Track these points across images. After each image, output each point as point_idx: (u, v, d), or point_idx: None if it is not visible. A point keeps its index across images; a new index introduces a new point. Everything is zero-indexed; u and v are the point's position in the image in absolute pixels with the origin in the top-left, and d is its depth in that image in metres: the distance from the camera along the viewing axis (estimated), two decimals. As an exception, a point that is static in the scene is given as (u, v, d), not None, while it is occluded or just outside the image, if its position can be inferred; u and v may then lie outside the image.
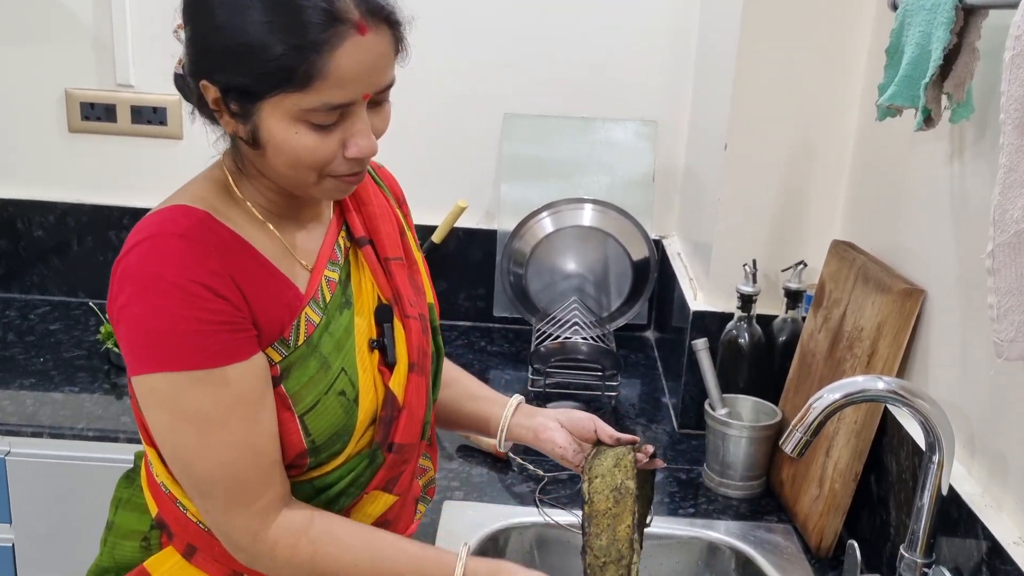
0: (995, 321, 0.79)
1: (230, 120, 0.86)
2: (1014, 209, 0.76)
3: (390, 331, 0.98)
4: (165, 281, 0.83)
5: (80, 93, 2.00)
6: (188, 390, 0.84)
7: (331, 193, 0.91)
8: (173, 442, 0.88)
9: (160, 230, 0.86)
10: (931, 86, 0.98)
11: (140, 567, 0.99)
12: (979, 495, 0.98)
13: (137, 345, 0.85)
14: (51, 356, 1.79)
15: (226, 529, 0.90)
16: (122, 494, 1.05)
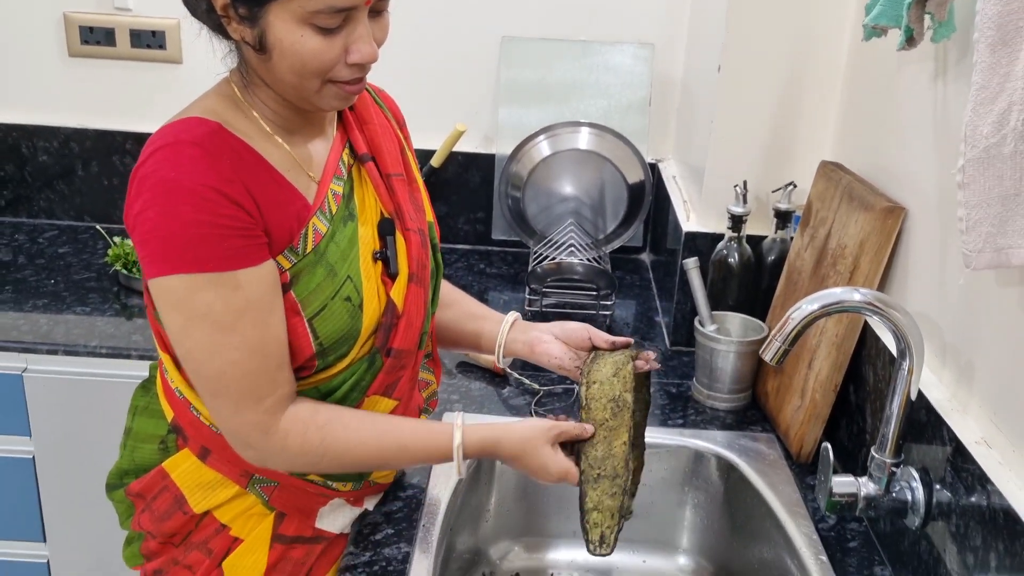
0: (964, 233, 0.83)
1: (238, 26, 0.89)
2: (984, 125, 0.80)
3: (392, 243, 1.03)
4: (180, 187, 0.87)
5: (78, 16, 2.01)
6: (201, 292, 0.89)
7: (331, 101, 0.94)
8: (186, 343, 0.93)
9: (175, 139, 0.90)
10: (914, 5, 1.00)
11: (159, 467, 1.06)
12: (947, 400, 1.03)
13: (153, 249, 0.89)
14: (61, 278, 1.84)
15: (236, 427, 0.96)
16: (139, 402, 1.11)
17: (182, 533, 1.07)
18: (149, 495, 1.06)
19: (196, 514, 1.05)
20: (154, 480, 1.06)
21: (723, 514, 1.36)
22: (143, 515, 1.07)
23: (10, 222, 2.10)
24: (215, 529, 1.06)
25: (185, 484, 1.04)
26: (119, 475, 1.11)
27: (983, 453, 0.93)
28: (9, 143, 2.07)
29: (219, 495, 1.04)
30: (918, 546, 1.04)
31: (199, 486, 1.04)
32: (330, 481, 1.07)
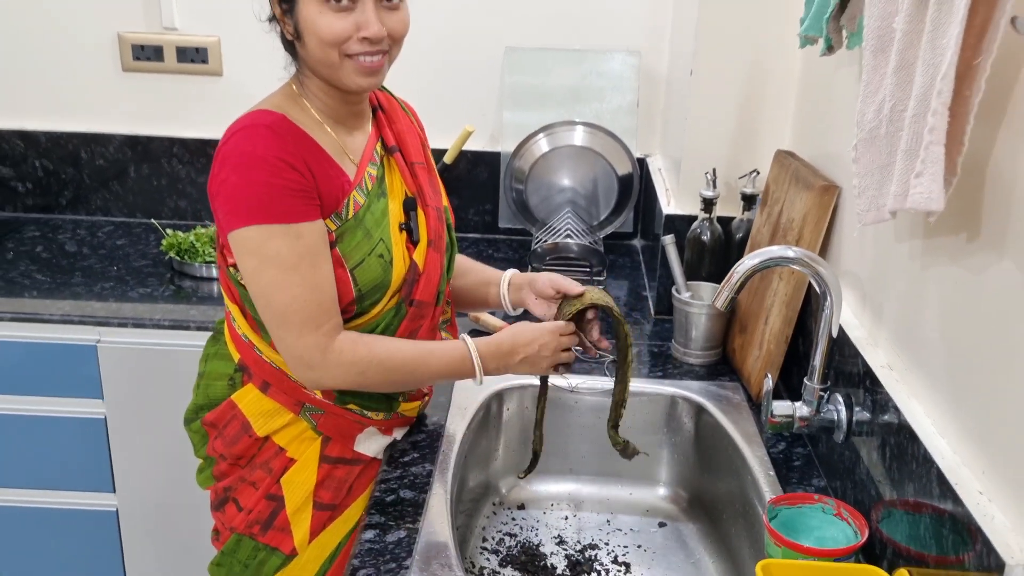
0: (857, 197, 1.07)
1: (285, 24, 1.18)
2: (868, 113, 1.04)
3: (415, 217, 1.29)
4: (256, 157, 1.14)
5: (131, 36, 2.27)
6: (271, 239, 1.14)
7: (352, 76, 1.19)
8: (259, 282, 1.17)
9: (251, 123, 1.17)
10: (831, 20, 1.24)
11: (228, 400, 1.31)
12: (864, 337, 1.27)
13: (235, 206, 1.15)
14: (123, 265, 2.10)
15: (300, 351, 1.19)
16: (209, 350, 1.37)
17: (247, 456, 1.32)
18: (221, 423, 1.31)
19: (259, 438, 1.30)
20: (225, 411, 1.31)
21: (695, 450, 1.60)
22: (216, 441, 1.32)
23: (71, 219, 2.37)
24: (274, 451, 1.31)
25: (250, 412, 1.29)
26: (195, 410, 1.36)
27: (886, 375, 1.17)
28: (70, 149, 2.33)
29: (276, 421, 1.29)
30: (843, 457, 1.28)
31: (261, 414, 1.29)
32: (366, 411, 1.31)
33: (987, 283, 0.95)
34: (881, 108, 1.01)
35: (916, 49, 0.93)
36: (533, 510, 1.59)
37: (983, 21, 0.85)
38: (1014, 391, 0.89)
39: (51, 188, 2.36)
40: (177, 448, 1.84)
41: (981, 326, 0.96)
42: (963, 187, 0.98)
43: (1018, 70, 0.90)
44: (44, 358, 1.85)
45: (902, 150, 0.93)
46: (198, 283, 2.02)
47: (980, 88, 0.86)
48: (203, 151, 2.33)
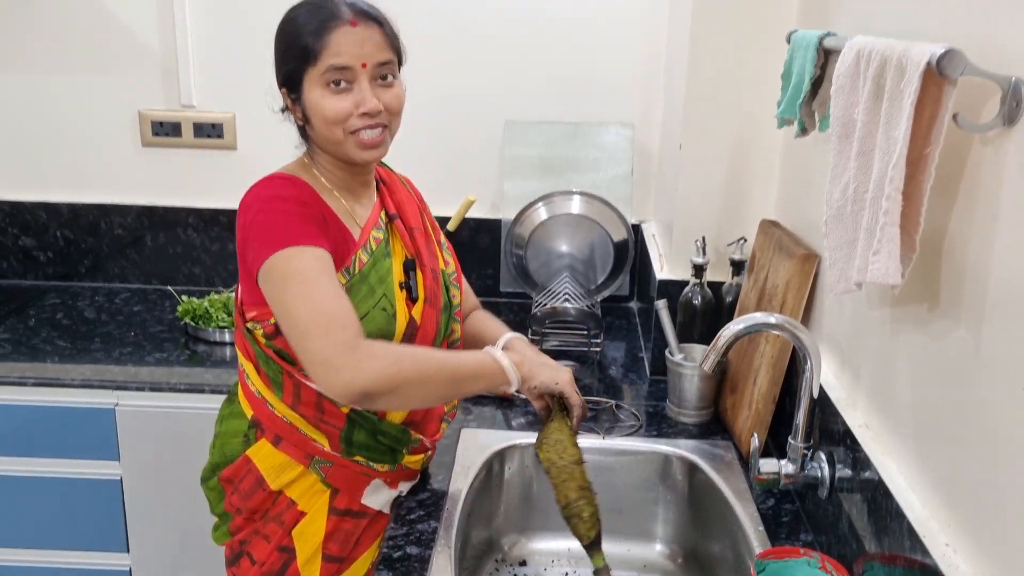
0: (829, 269, 1.16)
1: (295, 110, 1.32)
2: (836, 192, 1.13)
3: (414, 276, 1.39)
4: (278, 198, 1.26)
5: (151, 113, 2.40)
6: (294, 259, 1.22)
7: (355, 150, 1.30)
8: (284, 300, 1.21)
9: (272, 176, 1.31)
10: (804, 105, 1.35)
11: (243, 455, 1.38)
12: (844, 397, 1.35)
13: (261, 242, 1.24)
14: (139, 331, 2.19)
15: (326, 354, 1.17)
16: (224, 411, 1.45)
17: (261, 509, 1.39)
18: (237, 478, 1.39)
19: (273, 491, 1.37)
20: (240, 466, 1.38)
21: (689, 506, 1.66)
22: (233, 496, 1.40)
23: (90, 286, 2.47)
24: (286, 504, 1.38)
25: (264, 467, 1.37)
26: (211, 469, 1.44)
27: (863, 434, 1.25)
28: (90, 219, 2.44)
29: (288, 474, 1.36)
30: (828, 512, 1.35)
31: (273, 467, 1.36)
32: (372, 463, 1.39)
33: (947, 349, 1.03)
34: (846, 189, 1.11)
35: (874, 138, 1.03)
36: (534, 566, 1.65)
37: (931, 115, 0.95)
38: (972, 449, 0.97)
39: (71, 257, 2.47)
40: (190, 507, 1.91)
41: (942, 389, 1.04)
42: (924, 261, 1.07)
43: (966, 158, 0.99)
44: (64, 421, 1.93)
45: (864, 228, 1.03)
46: (212, 347, 2.11)
47: (931, 175, 0.96)
48: (217, 220, 2.44)
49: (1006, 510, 0.89)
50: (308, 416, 1.35)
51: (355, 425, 1.36)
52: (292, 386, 1.34)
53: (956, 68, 0.89)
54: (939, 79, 0.92)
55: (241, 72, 2.35)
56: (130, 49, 2.35)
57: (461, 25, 2.35)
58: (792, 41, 1.43)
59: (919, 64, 0.92)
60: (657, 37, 2.32)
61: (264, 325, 1.32)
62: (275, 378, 1.34)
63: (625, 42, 2.34)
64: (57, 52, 2.35)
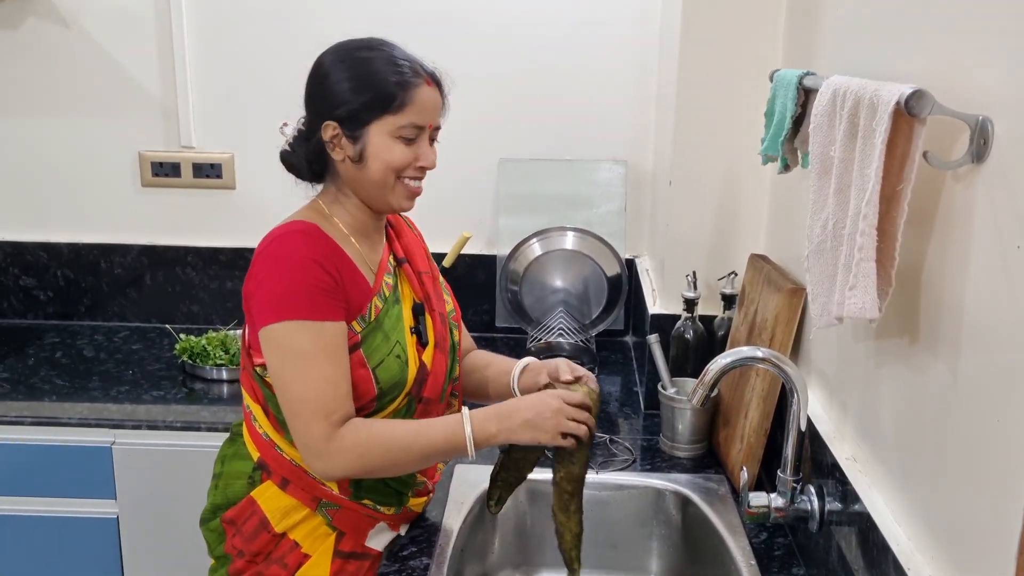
0: (811, 303, 1.18)
1: (344, 146, 1.31)
2: (816, 227, 1.16)
3: (423, 321, 1.41)
4: (291, 259, 1.26)
5: (151, 154, 2.43)
6: (296, 334, 1.25)
7: (399, 199, 1.35)
8: (280, 374, 1.26)
9: (287, 230, 1.31)
10: (786, 142, 1.38)
11: (248, 497, 1.38)
12: (832, 430, 1.36)
13: (268, 304, 1.25)
14: (137, 369, 2.20)
15: (307, 440, 1.26)
16: (227, 451, 1.45)
17: (265, 552, 1.38)
18: (240, 520, 1.39)
19: (277, 534, 1.37)
20: (244, 508, 1.38)
21: (683, 540, 1.66)
22: (235, 538, 1.39)
23: (89, 325, 2.49)
24: (290, 547, 1.37)
25: (269, 509, 1.37)
26: (212, 510, 1.43)
27: (851, 467, 1.26)
28: (90, 259, 2.47)
29: (294, 517, 1.37)
30: (818, 545, 1.35)
31: (279, 510, 1.37)
32: (379, 506, 1.39)
33: (927, 382, 1.05)
34: (826, 224, 1.13)
35: (850, 175, 1.05)
36: (528, 603, 1.64)
37: (903, 153, 0.97)
38: (953, 482, 0.98)
39: (71, 296, 2.49)
40: (187, 547, 1.91)
41: (924, 421, 1.06)
42: (903, 294, 1.08)
43: (939, 194, 1.01)
44: (60, 460, 1.94)
45: (842, 263, 1.05)
46: (209, 385, 2.12)
47: (904, 211, 0.98)
48: (215, 258, 2.47)
49: (987, 542, 0.90)
50: None
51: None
52: None
53: (924, 107, 0.92)
54: (909, 118, 0.94)
55: (239, 114, 2.39)
56: (130, 91, 2.39)
57: (455, 65, 2.38)
58: (774, 80, 1.46)
59: (889, 103, 0.94)
60: (648, 75, 2.36)
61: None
62: (284, 422, 1.34)
63: (617, 80, 2.38)
64: (58, 95, 2.40)
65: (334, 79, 1.31)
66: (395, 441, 1.31)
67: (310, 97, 1.35)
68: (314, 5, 2.34)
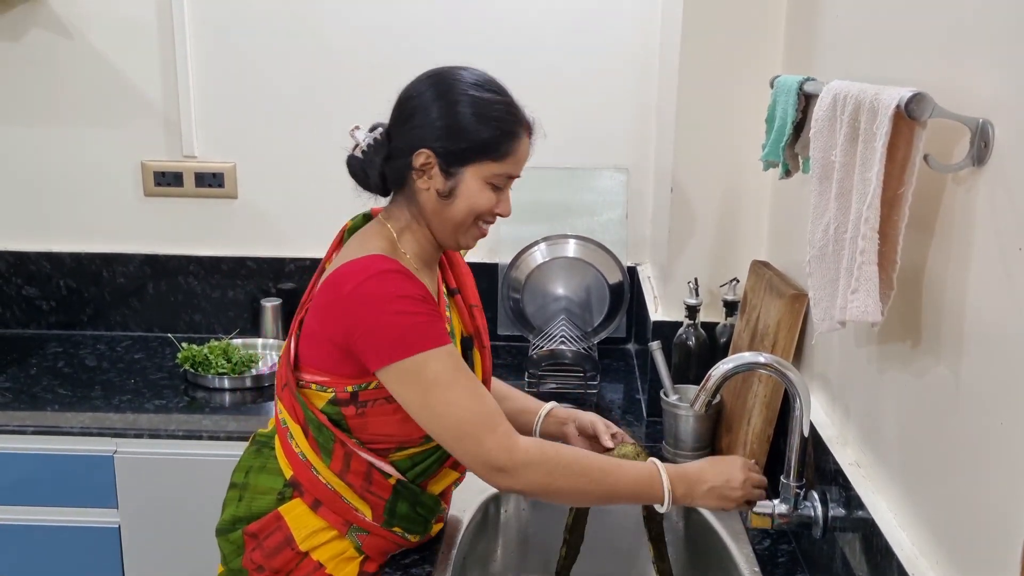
0: (813, 308, 1.17)
1: (433, 177, 1.28)
2: (817, 232, 1.16)
3: (471, 356, 1.40)
4: (406, 298, 1.23)
5: (153, 164, 2.44)
6: (428, 364, 1.23)
7: (469, 239, 1.34)
8: (427, 407, 1.23)
9: (382, 267, 1.25)
10: (787, 148, 1.38)
11: (275, 512, 1.35)
12: (835, 436, 1.36)
13: (392, 342, 1.22)
14: (140, 378, 2.20)
15: (484, 458, 1.23)
16: (252, 462, 1.42)
17: (285, 571, 1.35)
18: (263, 534, 1.35)
19: (300, 552, 1.34)
20: (269, 522, 1.35)
21: (686, 548, 1.66)
22: (255, 552, 1.36)
23: (92, 334, 2.49)
24: (313, 567, 1.34)
25: (295, 526, 1.34)
26: (232, 522, 1.39)
27: (854, 472, 1.25)
28: (92, 269, 2.47)
29: (321, 537, 1.34)
30: (823, 552, 1.35)
31: (306, 528, 1.33)
32: (408, 533, 1.38)
33: (929, 386, 1.04)
34: (827, 229, 1.13)
35: (851, 179, 1.05)
36: (531, 611, 1.64)
37: (903, 156, 0.97)
38: (956, 486, 0.97)
39: (74, 306, 2.49)
40: (190, 557, 1.91)
41: (926, 425, 1.05)
42: (905, 298, 1.08)
43: (940, 197, 1.01)
44: (62, 469, 1.94)
45: (844, 267, 1.05)
46: (211, 394, 2.12)
47: (905, 214, 0.98)
48: (217, 268, 2.47)
49: (991, 546, 0.90)
50: (355, 485, 1.33)
51: (399, 496, 1.35)
52: (343, 454, 1.32)
53: (924, 111, 0.92)
54: (909, 121, 0.94)
55: (242, 123, 2.40)
56: (133, 101, 2.40)
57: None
58: (775, 86, 1.46)
59: (889, 107, 0.94)
60: (649, 82, 2.36)
61: (339, 392, 1.30)
62: (325, 444, 1.31)
63: (618, 88, 2.38)
64: (60, 104, 2.40)
65: (444, 110, 1.27)
66: (586, 468, 1.28)
67: (407, 117, 1.30)
68: (317, 14, 2.35)
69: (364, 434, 1.32)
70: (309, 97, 2.39)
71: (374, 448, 1.33)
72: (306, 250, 2.45)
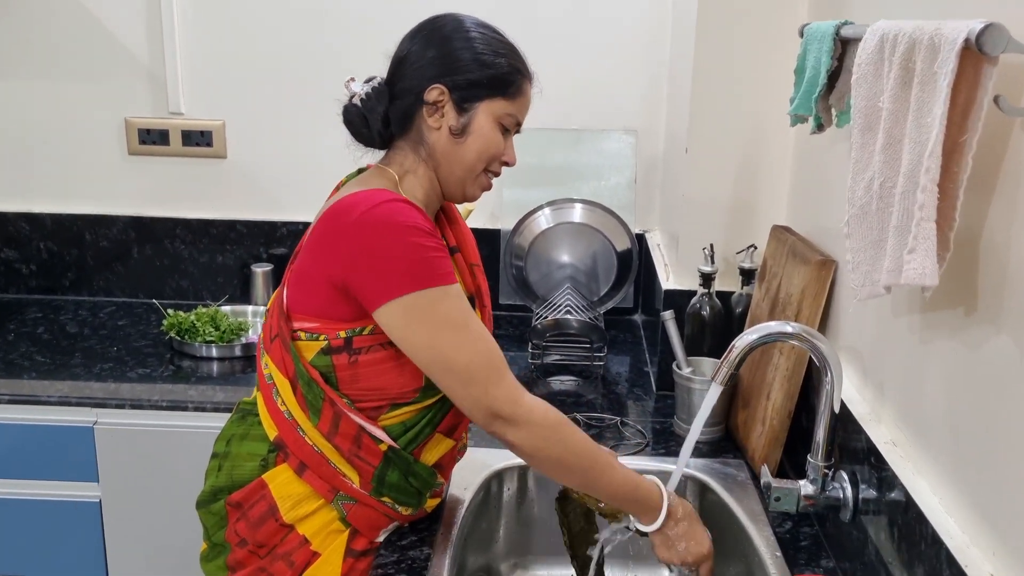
0: (852, 272, 1.07)
1: (446, 114, 1.23)
2: (858, 188, 1.05)
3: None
4: (413, 226, 1.15)
5: (137, 121, 2.32)
6: (439, 302, 1.15)
7: (476, 189, 1.29)
8: (436, 348, 1.16)
9: (389, 197, 1.17)
10: (820, 99, 1.26)
11: (258, 479, 1.26)
12: (867, 412, 1.26)
13: (402, 272, 1.14)
14: (123, 346, 2.10)
15: (489, 404, 1.17)
16: (234, 430, 1.33)
17: (269, 545, 1.26)
18: (247, 504, 1.27)
19: (285, 524, 1.25)
20: (253, 490, 1.26)
21: (700, 529, 1.56)
22: (239, 523, 1.27)
23: (74, 300, 2.38)
24: (298, 542, 1.25)
25: (279, 494, 1.25)
26: (213, 493, 1.31)
27: (890, 451, 1.15)
28: (74, 231, 2.36)
29: (305, 507, 1.25)
30: (851, 536, 1.25)
31: (290, 496, 1.25)
32: (398, 505, 1.28)
33: (985, 357, 0.94)
34: (871, 184, 1.02)
35: (902, 127, 0.94)
36: (535, 594, 1.55)
37: (966, 100, 0.86)
38: (1017, 468, 0.87)
39: (55, 270, 2.38)
40: (173, 532, 1.82)
41: (982, 401, 0.95)
42: (959, 261, 0.98)
43: (1005, 146, 0.90)
44: (40, 440, 1.84)
45: (893, 226, 0.94)
46: (198, 363, 2.02)
47: (967, 164, 0.87)
48: (206, 231, 2.35)
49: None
50: (343, 448, 1.24)
51: (390, 464, 1.26)
52: (332, 415, 1.23)
53: (998, 44, 0.81)
54: (978, 58, 0.83)
55: (231, 79, 2.28)
56: (116, 55, 2.27)
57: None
58: (805, 34, 1.35)
59: (955, 42, 0.83)
60: (660, 41, 2.24)
61: (331, 338, 1.21)
62: (314, 402, 1.23)
63: (627, 47, 2.26)
64: (40, 59, 2.28)
65: (459, 44, 1.24)
66: (580, 445, 1.23)
67: (417, 55, 1.25)
68: (309, -37, 2.22)
69: (355, 389, 1.23)
70: (301, 51, 2.27)
71: (364, 408, 1.24)
72: (299, 213, 2.34)
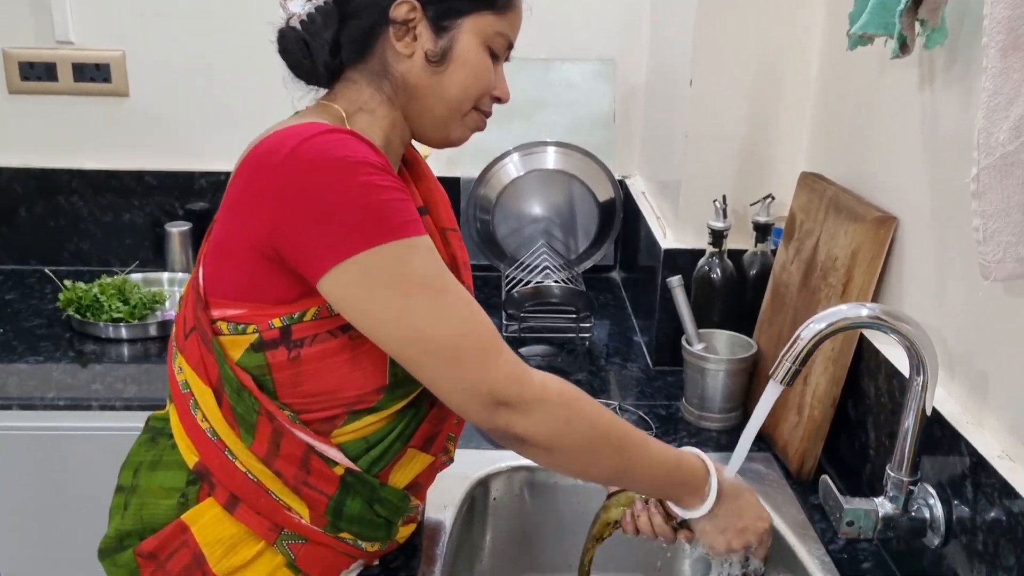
0: (981, 243, 0.80)
1: (420, 35, 0.95)
2: (999, 132, 0.77)
3: None
4: (362, 163, 0.85)
5: (18, 52, 1.92)
6: (409, 258, 0.86)
7: (464, 130, 1.02)
8: (412, 319, 0.87)
9: (325, 128, 0.87)
10: (906, 12, 0.98)
11: (177, 521, 0.96)
12: (960, 413, 1.01)
13: (355, 224, 0.84)
14: (10, 327, 1.74)
15: (488, 387, 0.89)
16: (143, 457, 1.02)
17: None
18: (163, 554, 0.96)
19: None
20: (172, 535, 0.96)
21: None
22: None
23: (-51, 269, 1.99)
24: None
25: (206, 540, 0.95)
26: (118, 539, 1.00)
27: (1007, 467, 0.90)
28: (-55, 186, 1.96)
29: (242, 553, 0.96)
30: (939, 565, 1.01)
31: (221, 542, 0.95)
32: (361, 540, 1.00)
33: None
34: (1019, 127, 0.75)
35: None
36: (530, 621, 1.29)
37: None
38: None
39: (-77, 233, 1.98)
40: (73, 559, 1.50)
41: None
42: None
43: None
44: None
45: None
46: (104, 347, 1.67)
47: None
48: (108, 184, 1.98)
49: None
50: (286, 475, 0.95)
51: (349, 491, 0.97)
52: (270, 432, 0.94)
53: None
54: None
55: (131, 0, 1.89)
56: (-15, -30, 1.86)
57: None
58: (872, -70, 1.05)
59: None
60: (643, -48, 1.92)
61: (263, 328, 0.92)
62: (246, 416, 0.94)
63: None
64: None
65: None
66: (608, 421, 0.95)
67: None
68: None
69: (298, 395, 0.94)
70: (217, -35, 1.89)
71: (313, 420, 0.95)
72: (220, 162, 1.98)
